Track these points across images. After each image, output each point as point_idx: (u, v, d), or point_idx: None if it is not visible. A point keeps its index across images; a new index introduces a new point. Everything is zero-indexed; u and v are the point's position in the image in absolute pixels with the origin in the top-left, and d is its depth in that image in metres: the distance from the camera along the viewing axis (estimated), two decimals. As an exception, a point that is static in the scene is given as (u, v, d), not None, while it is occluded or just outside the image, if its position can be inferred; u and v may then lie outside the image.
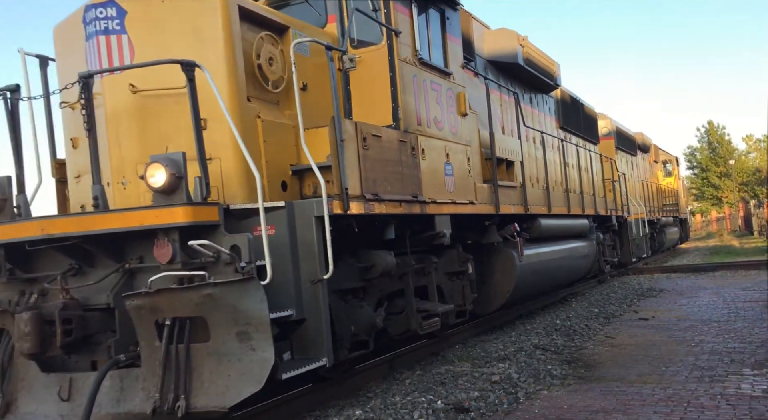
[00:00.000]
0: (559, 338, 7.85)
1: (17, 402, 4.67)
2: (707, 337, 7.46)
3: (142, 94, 4.91)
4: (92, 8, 4.90)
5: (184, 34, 4.99)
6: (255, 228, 4.54)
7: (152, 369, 4.27)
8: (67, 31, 5.35)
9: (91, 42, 4.93)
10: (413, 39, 6.49)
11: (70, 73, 4.92)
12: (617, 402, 5.09)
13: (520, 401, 5.31)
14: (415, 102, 6.40)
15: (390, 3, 6.14)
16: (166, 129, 4.92)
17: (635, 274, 16.04)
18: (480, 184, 7.72)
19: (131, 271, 4.61)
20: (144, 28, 4.96)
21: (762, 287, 11.67)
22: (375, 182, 5.50)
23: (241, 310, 4.17)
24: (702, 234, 45.40)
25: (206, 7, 4.99)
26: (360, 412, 5.18)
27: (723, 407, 4.77)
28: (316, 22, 6.31)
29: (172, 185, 4.33)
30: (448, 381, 6.03)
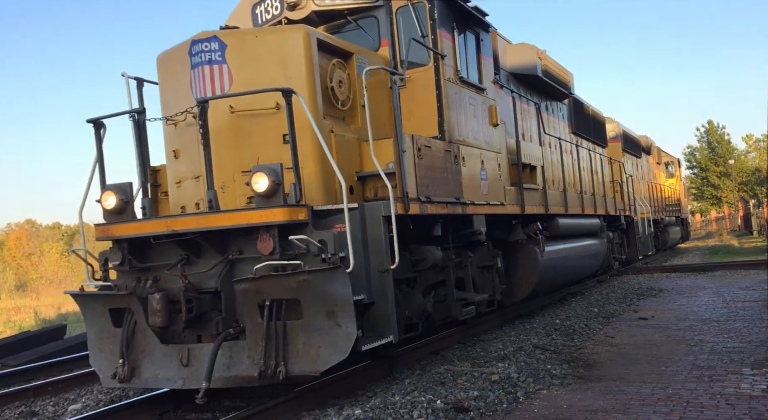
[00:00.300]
0: (559, 338, 7.85)
1: (140, 368, 5.52)
2: (707, 337, 7.46)
3: (238, 114, 5.76)
4: (198, 42, 5.82)
5: (273, 63, 5.84)
6: (333, 226, 5.44)
7: (256, 341, 5.12)
8: (170, 60, 6.23)
9: (197, 70, 5.80)
10: (455, 60, 7.45)
11: (173, 94, 6.08)
12: (617, 401, 5.10)
13: (519, 401, 5.31)
14: (457, 116, 7.30)
15: (437, 30, 7.02)
16: (256, 143, 5.76)
17: (635, 274, 16.04)
18: (508, 187, 8.61)
19: (232, 262, 5.45)
20: (240, 58, 5.81)
21: (761, 287, 11.67)
22: (427, 186, 6.41)
23: (330, 293, 4.99)
24: (701, 234, 45.39)
25: (291, 40, 5.87)
26: (359, 411, 5.18)
27: (722, 407, 4.78)
28: (369, 46, 7.11)
29: (272, 190, 5.17)
30: (447, 380, 6.03)
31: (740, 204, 46.73)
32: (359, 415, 5.08)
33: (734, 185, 56.67)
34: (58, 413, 6.55)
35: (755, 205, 38.90)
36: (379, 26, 7.15)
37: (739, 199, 51.63)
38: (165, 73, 6.33)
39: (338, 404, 5.57)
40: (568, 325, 8.64)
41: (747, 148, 62.76)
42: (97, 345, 5.91)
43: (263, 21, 7.44)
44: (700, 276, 14.78)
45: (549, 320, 9.21)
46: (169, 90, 6.23)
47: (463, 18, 7.77)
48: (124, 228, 5.65)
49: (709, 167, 59.98)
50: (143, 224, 5.62)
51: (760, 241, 28.34)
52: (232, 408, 5.91)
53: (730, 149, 60.28)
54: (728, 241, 31.48)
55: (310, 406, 5.58)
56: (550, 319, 9.28)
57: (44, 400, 7.06)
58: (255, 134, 5.78)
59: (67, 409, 6.64)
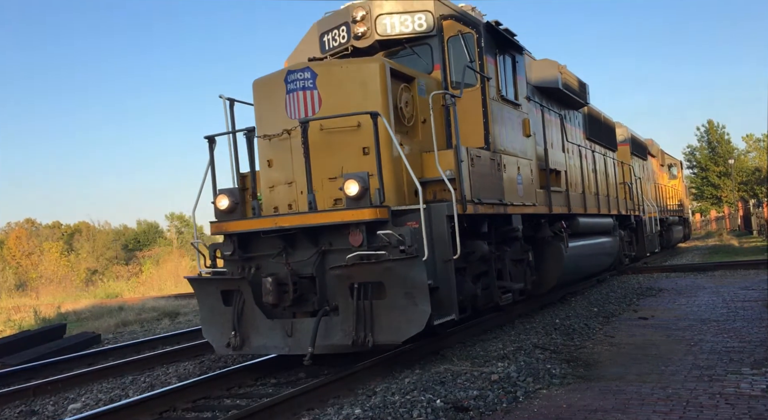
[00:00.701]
0: (559, 337, 7.85)
1: (249, 339, 6.67)
2: (706, 337, 7.46)
3: (326, 131, 6.87)
4: (293, 72, 7.01)
5: (355, 88, 6.95)
6: (406, 223, 6.55)
7: (347, 317, 6.19)
8: (266, 85, 7.41)
9: (292, 95, 6.96)
10: (497, 81, 8.62)
11: (268, 113, 7.29)
12: (616, 401, 5.10)
13: (519, 400, 5.31)
14: (498, 129, 8.42)
15: (483, 56, 8.13)
16: (341, 154, 6.88)
17: (634, 274, 16.04)
18: (538, 190, 9.70)
19: (323, 252, 6.59)
20: (328, 85, 6.93)
21: (761, 287, 11.67)
22: (478, 190, 7.50)
23: (409, 278, 6.02)
24: (701, 233, 45.39)
25: (370, 70, 7.00)
26: (359, 410, 5.19)
27: (722, 406, 4.78)
28: (423, 69, 8.23)
29: (360, 194, 6.26)
30: (447, 380, 6.03)
31: (740, 204, 46.71)
32: (359, 415, 5.09)
33: (734, 185, 56.68)
34: (58, 412, 6.56)
35: (755, 205, 38.87)
36: (433, 52, 8.27)
37: (739, 198, 51.63)
38: (260, 96, 7.46)
39: (338, 403, 5.58)
40: (568, 325, 8.64)
41: (747, 147, 62.76)
42: (209, 321, 7.07)
43: (330, 47, 8.56)
44: (699, 276, 14.77)
45: (549, 320, 9.21)
46: (264, 110, 7.37)
47: (502, 43, 8.91)
48: (237, 225, 6.84)
49: (709, 167, 59.98)
50: (253, 221, 6.83)
51: (759, 241, 28.34)
52: (232, 407, 5.92)
53: (730, 149, 60.27)
54: (728, 240, 31.47)
55: (310, 405, 5.59)
56: (549, 319, 9.28)
57: (44, 399, 7.06)
58: (339, 147, 6.91)
59: (67, 408, 6.64)
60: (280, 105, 7.05)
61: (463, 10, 8.41)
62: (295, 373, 7.05)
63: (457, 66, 8.06)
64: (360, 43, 8.21)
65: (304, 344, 6.25)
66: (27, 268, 38.92)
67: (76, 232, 53.40)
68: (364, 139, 6.70)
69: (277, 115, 7.08)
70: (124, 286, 28.73)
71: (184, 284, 28.97)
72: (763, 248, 23.08)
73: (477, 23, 8.22)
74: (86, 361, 9.32)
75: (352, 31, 8.20)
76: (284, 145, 7.07)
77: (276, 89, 7.12)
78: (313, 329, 6.20)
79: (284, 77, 7.01)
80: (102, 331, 13.35)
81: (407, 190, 7.05)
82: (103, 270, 40.32)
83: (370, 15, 8.12)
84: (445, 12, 8.22)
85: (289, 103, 6.99)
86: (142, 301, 20.18)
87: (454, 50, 8.17)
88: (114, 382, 7.71)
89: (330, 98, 6.88)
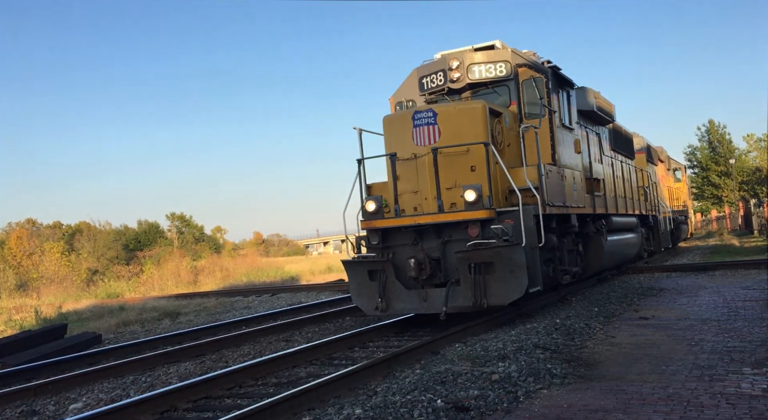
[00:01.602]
0: (559, 337, 7.84)
1: (392, 304, 9.26)
2: (707, 336, 7.45)
3: (444, 154, 9.27)
4: (419, 112, 9.48)
5: (464, 123, 9.35)
6: (504, 220, 8.90)
7: (467, 287, 8.63)
8: (394, 121, 9.93)
9: (419, 129, 9.42)
10: (560, 112, 11.06)
11: (396, 141, 9.69)
12: (617, 401, 5.09)
13: (520, 400, 5.31)
14: (561, 149, 10.90)
15: (550, 94, 10.57)
16: (453, 171, 9.35)
17: (635, 273, 16.04)
18: (585, 195, 12.07)
19: (445, 242, 9.16)
20: (446, 121, 9.38)
21: (762, 286, 11.66)
22: (551, 196, 9.93)
23: (512, 259, 8.46)
24: (702, 233, 45.34)
25: (475, 110, 9.43)
26: (360, 410, 5.19)
27: (723, 406, 4.77)
28: (502, 104, 10.59)
29: (476, 200, 8.77)
30: (448, 380, 6.03)
31: (741, 203, 46.66)
32: (360, 415, 5.09)
33: (735, 185, 56.62)
34: (59, 412, 6.56)
35: (756, 205, 38.83)
36: (510, 92, 10.72)
37: (739, 198, 51.57)
38: (390, 128, 9.90)
39: (339, 403, 5.58)
40: (569, 325, 8.63)
41: (748, 147, 62.64)
42: (358, 292, 9.64)
43: (428, 88, 11.03)
44: (700, 275, 14.76)
45: (549, 320, 9.20)
46: (393, 138, 9.79)
47: (561, 82, 11.36)
48: (383, 222, 9.47)
49: (710, 166, 59.92)
50: (396, 220, 9.36)
51: (760, 241, 28.31)
52: (233, 407, 5.93)
53: (731, 149, 60.19)
54: (729, 240, 31.44)
55: (310, 405, 5.59)
56: (550, 319, 9.27)
57: (45, 399, 7.07)
58: (453, 166, 9.33)
59: (68, 408, 6.65)
60: (408, 135, 9.52)
61: (532, 59, 10.87)
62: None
63: (530, 102, 10.60)
64: (454, 85, 10.76)
65: (437, 306, 8.83)
66: (28, 268, 38.90)
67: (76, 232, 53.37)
68: (471, 160, 9.30)
69: (405, 143, 9.54)
70: (124, 286, 28.75)
71: (185, 284, 29.02)
72: (764, 248, 23.05)
73: (545, 70, 10.62)
74: (87, 361, 9.33)
75: (449, 76, 10.71)
76: (411, 164, 9.57)
77: (404, 124, 9.59)
78: (444, 295, 8.80)
79: (411, 115, 9.49)
80: (103, 331, 13.36)
81: (501, 197, 9.56)
82: (104, 270, 40.32)
83: (462, 64, 10.68)
84: (520, 61, 10.69)
85: (416, 134, 9.46)
86: (142, 301, 20.20)
87: (527, 90, 10.61)
88: (115, 382, 7.72)
89: (447, 131, 9.33)
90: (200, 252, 48.32)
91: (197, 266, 33.11)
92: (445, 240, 9.17)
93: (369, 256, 9.59)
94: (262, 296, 19.40)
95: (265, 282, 27.09)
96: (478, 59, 10.67)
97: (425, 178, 9.34)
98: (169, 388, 6.52)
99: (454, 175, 9.30)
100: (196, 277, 30.00)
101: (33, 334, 11.40)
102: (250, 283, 27.20)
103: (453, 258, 8.99)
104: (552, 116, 10.54)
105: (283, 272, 31.67)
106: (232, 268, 32.48)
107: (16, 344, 10.48)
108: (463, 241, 8.92)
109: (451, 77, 10.67)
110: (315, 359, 7.99)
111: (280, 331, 10.98)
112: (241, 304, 17.72)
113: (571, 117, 11.78)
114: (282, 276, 29.80)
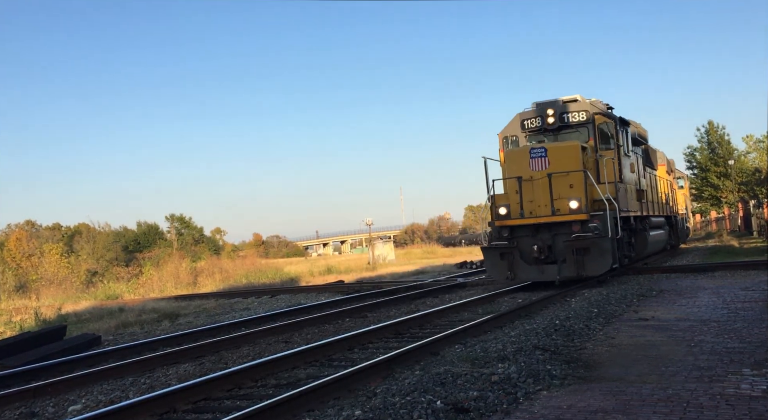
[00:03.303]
0: (559, 338, 7.84)
1: (518, 275, 14.03)
2: (707, 337, 7.45)
3: (554, 176, 13.81)
4: (535, 149, 14.10)
5: (565, 156, 13.89)
6: (592, 219, 13.66)
7: (571, 264, 13.53)
8: (516, 153, 14.50)
9: (534, 160, 13.94)
10: (625, 144, 15.93)
11: (515, 167, 14.30)
12: (617, 402, 5.09)
13: (519, 401, 5.31)
14: (623, 170, 15.39)
15: (618, 132, 15.23)
16: (558, 187, 13.85)
17: (635, 274, 16.05)
18: (635, 201, 16.53)
19: (554, 235, 13.87)
20: (553, 154, 13.92)
21: (761, 287, 11.66)
22: (621, 204, 14.33)
23: (603, 246, 13.28)
24: (701, 234, 45.35)
25: (573, 148, 13.99)
26: (359, 412, 5.18)
27: (722, 407, 4.77)
28: (583, 140, 14.82)
29: (578, 208, 13.63)
30: (447, 381, 6.02)
31: (740, 204, 46.67)
32: (359, 416, 5.09)
33: (734, 186, 56.64)
34: (59, 414, 6.55)
35: (755, 206, 38.85)
36: (588, 131, 15.19)
37: (739, 199, 51.58)
38: (511, 158, 14.62)
39: (338, 404, 5.57)
40: (568, 326, 8.63)
41: (747, 148, 62.62)
42: (492, 267, 14.45)
43: (528, 128, 15.72)
44: (700, 276, 14.76)
45: (549, 321, 9.21)
46: (514, 165, 14.41)
47: (623, 123, 16.07)
48: (514, 221, 14.17)
49: (709, 168, 59.90)
50: (523, 220, 14.03)
51: (760, 242, 28.32)
52: (233, 408, 5.92)
53: (730, 150, 60.17)
54: (728, 241, 31.46)
55: (310, 406, 5.58)
56: (550, 320, 9.28)
57: (44, 401, 7.06)
58: (558, 184, 13.85)
59: (68, 410, 6.64)
60: (526, 163, 14.18)
61: (603, 107, 15.89)
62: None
63: (602, 139, 15.24)
64: (549, 127, 15.43)
65: (551, 276, 13.78)
66: (27, 270, 38.88)
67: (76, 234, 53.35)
68: (570, 180, 13.92)
69: (523, 168, 14.21)
70: (124, 287, 28.72)
71: (185, 286, 28.99)
72: (763, 249, 23.05)
73: (614, 116, 15.49)
74: (87, 362, 9.32)
75: (546, 120, 15.42)
76: (528, 183, 14.20)
77: (523, 156, 14.28)
78: (557, 269, 13.71)
79: (529, 151, 14.19)
80: (102, 332, 13.34)
81: (590, 206, 13.89)
82: (103, 271, 40.29)
83: (556, 112, 15.35)
84: (595, 110, 15.38)
85: (532, 163, 14.11)
86: (142, 303, 20.18)
87: (601, 131, 15.25)
88: (114, 384, 7.71)
89: (554, 161, 13.98)
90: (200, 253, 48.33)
91: (197, 267, 33.08)
92: (554, 233, 13.99)
93: (501, 244, 14.30)
94: (261, 297, 19.39)
95: (265, 283, 27.07)
96: (567, 109, 15.25)
97: (539, 192, 14.01)
98: (168, 389, 6.51)
99: (558, 190, 13.90)
100: (195, 279, 29.98)
101: (32, 335, 11.39)
102: (250, 284, 27.19)
103: (561, 245, 13.81)
104: (618, 149, 15.32)
105: (282, 273, 31.64)
106: (232, 269, 32.45)
107: (16, 346, 10.46)
108: (566, 234, 13.77)
109: (547, 121, 15.35)
110: (314, 360, 7.99)
111: (279, 332, 10.97)
112: (241, 305, 17.71)
113: (628, 147, 16.32)
114: (281, 277, 29.77)
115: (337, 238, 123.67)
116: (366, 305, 13.68)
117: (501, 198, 14.65)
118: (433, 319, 10.92)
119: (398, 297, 14.95)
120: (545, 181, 13.74)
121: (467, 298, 13.69)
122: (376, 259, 39.44)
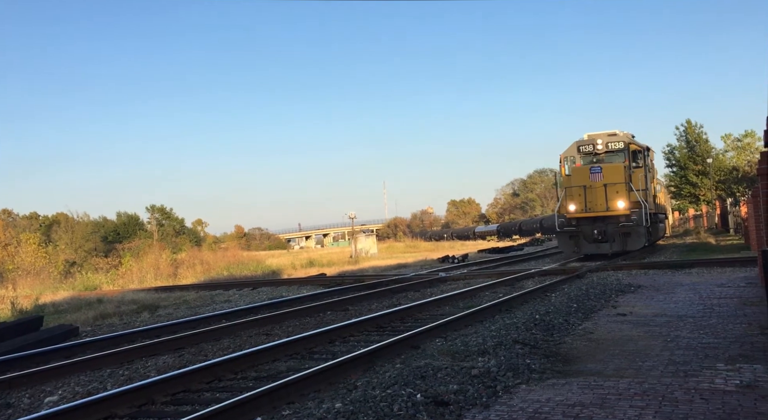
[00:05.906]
0: (539, 333, 7.92)
1: (581, 249, 22.00)
2: (683, 333, 7.57)
3: (607, 183, 21.82)
4: (594, 167, 22.13)
5: (615, 172, 21.81)
6: (632, 214, 21.69)
7: (619, 242, 21.46)
8: (578, 169, 22.47)
9: (594, 174, 21.91)
10: (651, 164, 24.98)
11: (579, 179, 22.12)
12: (594, 396, 5.16)
13: (499, 395, 5.35)
14: (648, 182, 23.28)
15: (646, 156, 23.54)
16: (612, 191, 21.74)
17: (614, 270, 16.23)
18: (654, 203, 24.01)
19: (607, 224, 21.66)
20: (606, 171, 21.87)
21: (737, 284, 11.87)
22: (649, 205, 22.64)
23: (639, 231, 21.32)
24: (680, 231, 45.98)
25: (619, 167, 21.95)
26: (340, 404, 5.19)
27: (697, 401, 4.86)
28: (621, 161, 22.21)
29: (624, 206, 21.67)
30: (428, 374, 6.05)
31: (717, 202, 47.41)
32: (339, 408, 5.09)
33: (712, 184, 57.47)
34: (34, 405, 6.48)
35: (732, 204, 39.51)
36: (625, 155, 22.22)
37: (716, 197, 52.36)
38: (575, 173, 22.23)
39: (319, 397, 5.58)
40: (548, 321, 8.71)
41: (725, 147, 63.51)
42: (564, 245, 22.44)
43: (582, 152, 22.78)
44: (677, 273, 14.98)
45: (529, 315, 9.29)
46: (578, 178, 22.01)
47: (648, 150, 24.23)
48: (580, 215, 21.91)
49: (688, 166, 60.70)
50: (587, 214, 21.79)
51: (736, 239, 28.82)
52: (212, 400, 5.89)
53: (708, 148, 61.02)
54: (705, 238, 31.97)
55: (290, 399, 5.58)
56: (530, 315, 9.36)
57: (20, 392, 6.97)
58: (609, 190, 21.53)
59: (44, 401, 6.56)
60: (587, 176, 21.71)
61: (634, 139, 23.17)
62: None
63: (635, 160, 22.21)
64: (598, 151, 22.45)
65: (605, 250, 21.13)
66: (4, 260, 38.27)
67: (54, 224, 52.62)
68: (617, 188, 21.37)
69: (582, 179, 21.75)
70: (103, 278, 28.42)
71: (165, 277, 28.74)
72: (740, 246, 23.50)
73: (643, 146, 23.01)
74: (63, 353, 9.21)
75: (595, 148, 22.47)
76: (590, 189, 21.60)
77: (585, 171, 21.83)
78: (609, 246, 21.13)
79: (590, 168, 21.75)
80: (80, 323, 13.19)
81: (630, 205, 21.23)
82: (81, 262, 39.82)
83: (603, 142, 22.41)
84: (629, 141, 22.39)
85: (592, 176, 21.56)
86: (121, 294, 19.97)
87: (633, 154, 22.27)
88: (92, 375, 7.64)
89: (606, 175, 21.47)
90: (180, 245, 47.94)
91: (177, 259, 32.82)
92: (607, 223, 21.17)
93: (571, 229, 21.75)
94: (242, 290, 19.31)
95: (246, 276, 26.94)
96: (611, 140, 22.48)
97: (597, 195, 21.44)
98: (147, 381, 6.45)
99: (609, 195, 21.26)
100: (176, 270, 29.74)
101: (8, 325, 11.23)
102: (231, 276, 27.04)
103: (612, 230, 20.98)
104: (646, 168, 22.78)
105: (264, 266, 31.52)
106: (213, 261, 32.23)
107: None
108: (615, 223, 21.01)
109: (596, 148, 22.46)
110: (295, 353, 7.98)
111: (260, 325, 10.94)
112: (222, 297, 17.61)
113: (653, 164, 24.65)
114: (263, 270, 29.66)
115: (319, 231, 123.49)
116: (347, 298, 13.69)
117: (568, 199, 22.06)
118: (414, 313, 10.96)
119: (380, 290, 14.98)
120: (602, 189, 21.42)
121: (448, 292, 13.76)
122: (359, 253, 39.46)
